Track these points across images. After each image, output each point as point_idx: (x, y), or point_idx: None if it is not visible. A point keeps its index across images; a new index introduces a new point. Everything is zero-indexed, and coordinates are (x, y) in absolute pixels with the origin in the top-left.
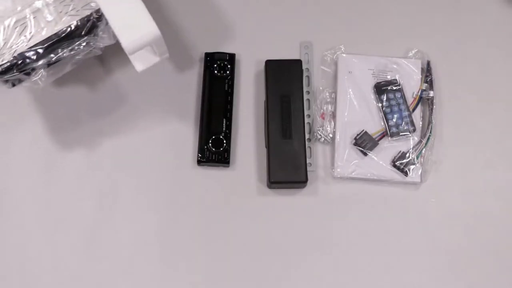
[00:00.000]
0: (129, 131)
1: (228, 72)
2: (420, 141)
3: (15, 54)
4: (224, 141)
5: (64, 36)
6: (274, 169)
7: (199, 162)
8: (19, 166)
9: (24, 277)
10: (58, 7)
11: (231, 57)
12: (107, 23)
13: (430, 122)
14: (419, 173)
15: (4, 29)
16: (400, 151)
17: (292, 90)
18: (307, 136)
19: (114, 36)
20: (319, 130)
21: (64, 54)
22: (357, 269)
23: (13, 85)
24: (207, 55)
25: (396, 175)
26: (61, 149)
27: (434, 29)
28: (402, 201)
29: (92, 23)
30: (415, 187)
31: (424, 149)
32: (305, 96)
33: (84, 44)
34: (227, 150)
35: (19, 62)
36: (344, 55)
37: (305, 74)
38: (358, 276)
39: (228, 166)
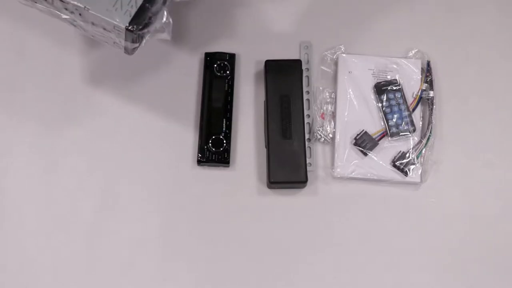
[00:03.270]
0: (129, 131)
1: (228, 72)
2: (420, 141)
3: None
4: (224, 141)
5: None
6: (274, 169)
7: (199, 162)
8: (19, 166)
9: (24, 277)
10: None
11: (231, 57)
12: None
13: (430, 122)
14: (419, 173)
15: None
16: (400, 151)
17: (292, 90)
18: (307, 136)
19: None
20: (319, 130)
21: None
22: (357, 269)
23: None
24: (207, 55)
25: (396, 175)
26: (61, 149)
27: (434, 29)
28: (402, 201)
29: None
30: (415, 187)
31: (424, 149)
32: (305, 96)
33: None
34: (227, 150)
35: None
36: (344, 55)
37: (305, 74)
38: (358, 276)
39: (228, 166)
